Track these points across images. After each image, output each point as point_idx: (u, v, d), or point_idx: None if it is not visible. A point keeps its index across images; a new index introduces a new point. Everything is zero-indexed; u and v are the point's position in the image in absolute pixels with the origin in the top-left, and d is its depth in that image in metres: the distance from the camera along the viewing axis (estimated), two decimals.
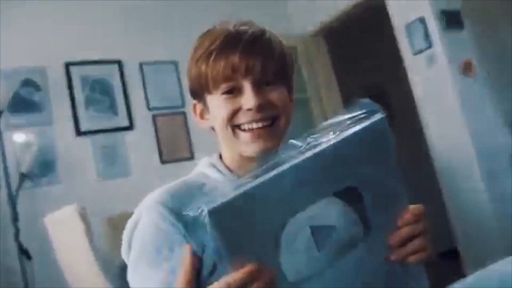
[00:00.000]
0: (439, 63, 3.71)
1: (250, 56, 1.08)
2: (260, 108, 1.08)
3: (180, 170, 1.24)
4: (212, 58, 1.08)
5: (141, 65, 4.31)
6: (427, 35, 3.74)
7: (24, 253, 3.35)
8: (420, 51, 3.81)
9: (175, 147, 4.33)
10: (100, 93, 4.12)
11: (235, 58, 1.07)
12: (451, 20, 3.75)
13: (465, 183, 3.67)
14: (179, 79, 4.43)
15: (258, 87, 1.09)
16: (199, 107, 1.20)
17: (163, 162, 4.27)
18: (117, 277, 2.58)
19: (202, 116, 1.21)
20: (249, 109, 1.08)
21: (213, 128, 1.18)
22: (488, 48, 4.06)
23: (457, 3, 3.82)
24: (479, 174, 3.58)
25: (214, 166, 1.18)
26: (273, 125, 1.11)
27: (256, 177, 0.81)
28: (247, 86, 1.08)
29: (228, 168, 1.17)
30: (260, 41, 1.11)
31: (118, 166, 4.08)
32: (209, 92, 1.12)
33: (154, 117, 4.30)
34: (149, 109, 4.31)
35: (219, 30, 1.12)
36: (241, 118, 1.10)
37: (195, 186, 1.13)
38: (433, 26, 3.70)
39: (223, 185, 1.11)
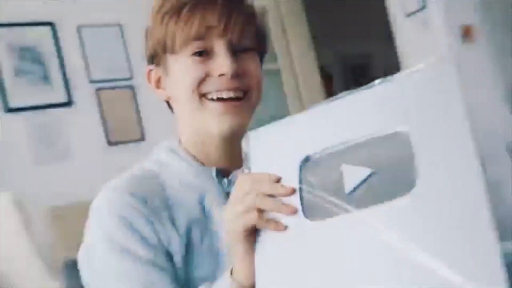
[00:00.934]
0: (435, 27, 3.84)
1: (230, 14, 1.08)
2: (234, 75, 1.08)
3: (129, 154, 1.23)
4: (184, 12, 1.08)
5: (79, 28, 4.30)
6: None
7: None
8: (414, 13, 3.93)
9: (123, 127, 4.35)
10: (31, 62, 4.11)
11: (214, 14, 1.07)
12: None
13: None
14: (125, 46, 4.42)
15: (233, 52, 1.09)
16: (156, 72, 1.18)
17: (110, 144, 4.30)
18: (62, 273, 2.65)
19: (158, 84, 1.19)
20: (222, 75, 1.08)
21: (168, 102, 1.22)
22: (491, 11, 4.15)
23: None
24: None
25: (174, 152, 1.19)
26: (245, 98, 1.13)
27: None
28: (221, 49, 1.08)
29: (189, 154, 1.18)
30: (239, 3, 1.12)
31: (56, 148, 4.10)
32: (174, 52, 1.10)
33: (97, 91, 4.30)
34: (91, 81, 4.31)
35: None
36: (211, 86, 1.10)
37: (152, 175, 1.17)
38: None
39: (180, 165, 1.18)
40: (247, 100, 1.12)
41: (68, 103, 4.25)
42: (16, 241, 2.51)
